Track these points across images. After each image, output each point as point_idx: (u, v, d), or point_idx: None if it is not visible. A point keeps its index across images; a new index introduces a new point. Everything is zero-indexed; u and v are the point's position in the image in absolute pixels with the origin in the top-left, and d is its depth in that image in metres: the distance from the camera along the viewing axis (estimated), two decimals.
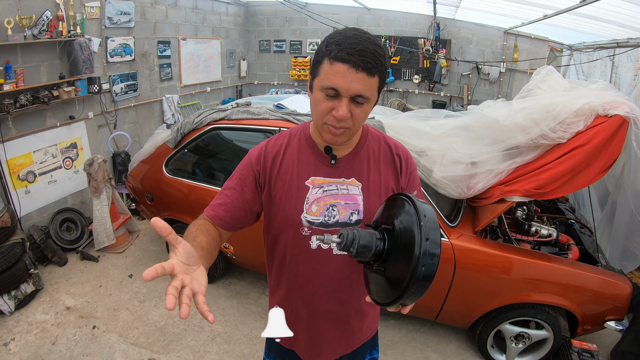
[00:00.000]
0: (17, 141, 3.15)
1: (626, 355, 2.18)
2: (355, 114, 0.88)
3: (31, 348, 2.39)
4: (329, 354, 1.19)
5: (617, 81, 3.51)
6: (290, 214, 1.01)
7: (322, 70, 0.87)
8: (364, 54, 0.82)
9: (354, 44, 0.82)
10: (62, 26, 3.30)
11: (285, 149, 1.05)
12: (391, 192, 1.05)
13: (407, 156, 1.09)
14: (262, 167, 1.04)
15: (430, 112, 2.57)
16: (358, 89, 0.84)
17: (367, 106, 0.89)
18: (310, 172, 1.02)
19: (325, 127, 0.91)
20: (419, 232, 0.74)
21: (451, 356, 2.47)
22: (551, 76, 2.45)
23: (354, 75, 0.83)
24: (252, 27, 7.13)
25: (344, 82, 0.83)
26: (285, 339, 1.21)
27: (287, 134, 1.09)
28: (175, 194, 2.85)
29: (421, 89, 6.41)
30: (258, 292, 3.02)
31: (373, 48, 0.84)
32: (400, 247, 0.78)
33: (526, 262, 2.09)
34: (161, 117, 5.11)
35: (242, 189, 1.04)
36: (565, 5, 3.29)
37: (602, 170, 2.00)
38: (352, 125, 0.90)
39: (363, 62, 0.82)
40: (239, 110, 2.65)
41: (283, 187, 1.02)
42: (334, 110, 0.87)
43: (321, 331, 1.14)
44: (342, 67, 0.83)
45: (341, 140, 0.94)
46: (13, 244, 2.72)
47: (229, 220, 1.04)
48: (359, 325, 1.18)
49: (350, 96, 0.85)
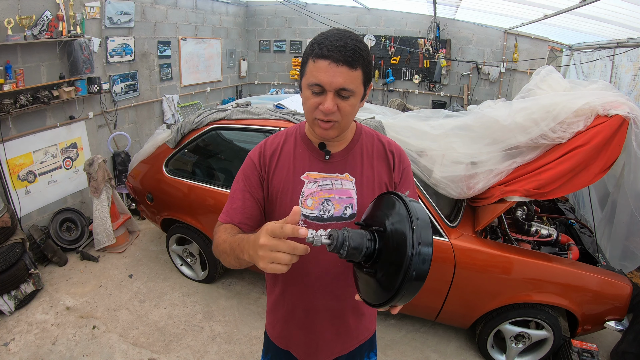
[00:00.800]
0: (17, 141, 3.15)
1: (626, 355, 2.18)
2: (342, 107, 0.92)
3: (31, 348, 2.39)
4: (324, 354, 1.18)
5: (617, 81, 3.51)
6: (286, 208, 1.04)
7: (307, 69, 0.93)
8: (344, 49, 0.87)
9: (334, 41, 0.88)
10: (62, 26, 3.30)
11: (282, 146, 1.09)
12: (384, 187, 1.08)
13: (400, 153, 1.12)
14: (262, 165, 1.08)
15: (430, 112, 2.57)
16: (340, 82, 0.88)
17: (353, 99, 0.93)
18: (305, 167, 1.06)
19: (316, 122, 0.96)
20: (411, 235, 0.73)
21: (451, 356, 2.47)
22: (551, 76, 2.45)
23: (335, 69, 0.87)
24: (252, 27, 7.13)
25: (327, 77, 0.88)
26: (282, 339, 1.22)
27: (284, 133, 1.13)
28: (175, 194, 2.85)
29: (421, 89, 6.41)
30: (258, 292, 3.02)
31: (353, 43, 0.89)
32: (392, 249, 0.77)
33: (526, 262, 2.09)
34: (161, 117, 5.11)
35: (250, 189, 1.07)
36: (565, 5, 3.29)
37: (602, 170, 2.00)
38: (341, 119, 0.94)
39: (343, 56, 0.87)
40: (239, 110, 2.65)
41: (279, 183, 1.06)
42: (320, 105, 0.92)
43: (317, 329, 1.14)
44: (323, 63, 0.88)
45: (332, 134, 0.97)
46: (13, 244, 2.72)
47: (251, 223, 1.06)
48: (355, 324, 1.18)
49: (334, 90, 0.89)
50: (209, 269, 3.00)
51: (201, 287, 3.06)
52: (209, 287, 3.06)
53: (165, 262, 3.34)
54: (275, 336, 1.23)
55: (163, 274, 3.20)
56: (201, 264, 3.06)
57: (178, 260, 3.19)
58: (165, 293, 2.97)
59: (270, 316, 1.24)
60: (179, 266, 3.18)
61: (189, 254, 3.11)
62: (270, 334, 1.26)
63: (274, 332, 1.23)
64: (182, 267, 3.18)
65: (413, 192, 1.13)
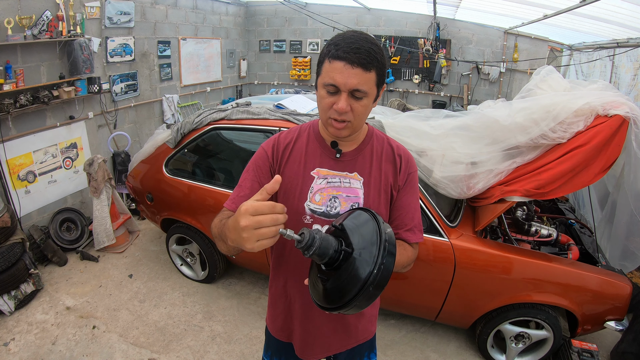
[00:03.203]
0: (17, 141, 3.15)
1: (626, 355, 2.18)
2: (355, 108, 0.95)
3: (31, 348, 2.39)
4: (320, 349, 1.19)
5: (617, 81, 3.51)
6: (294, 202, 1.06)
7: (323, 69, 0.95)
8: (359, 51, 0.90)
9: (350, 43, 0.90)
10: (62, 26, 3.30)
11: (295, 141, 1.12)
12: (389, 190, 1.10)
13: (409, 158, 1.15)
14: (274, 157, 1.11)
15: (430, 112, 2.56)
16: (355, 83, 0.91)
17: (366, 100, 0.95)
18: (316, 164, 1.09)
19: (329, 122, 0.98)
20: (373, 270, 0.77)
21: (451, 356, 2.47)
22: (551, 76, 2.45)
23: (350, 71, 0.90)
24: (252, 27, 7.13)
25: (342, 78, 0.91)
26: (282, 332, 1.23)
27: (297, 128, 1.16)
28: (175, 194, 2.85)
29: (421, 89, 6.41)
30: (258, 292, 3.02)
31: (368, 46, 0.91)
32: (352, 271, 0.80)
33: (526, 262, 2.09)
34: (161, 117, 5.11)
35: (260, 179, 1.09)
36: (565, 5, 3.29)
37: (602, 170, 2.00)
38: (354, 119, 0.97)
39: (358, 58, 0.89)
40: (239, 110, 2.64)
41: (290, 176, 1.08)
42: (335, 104, 0.94)
43: (315, 324, 1.15)
44: (339, 64, 0.90)
45: (344, 133, 1.00)
46: (13, 244, 2.72)
47: None
48: (354, 323, 1.19)
49: (348, 90, 0.92)
50: (209, 269, 3.00)
51: (201, 287, 3.06)
52: (209, 287, 3.06)
53: (165, 262, 3.34)
54: (277, 329, 1.24)
55: (163, 274, 3.20)
56: (201, 264, 3.06)
57: (178, 260, 3.19)
58: (165, 293, 2.97)
59: (271, 310, 1.25)
60: (179, 266, 3.18)
61: (189, 254, 3.11)
62: (271, 328, 1.27)
63: (275, 325, 1.24)
64: (182, 267, 3.18)
65: (416, 199, 1.14)
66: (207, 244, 2.87)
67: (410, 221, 1.11)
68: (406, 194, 1.12)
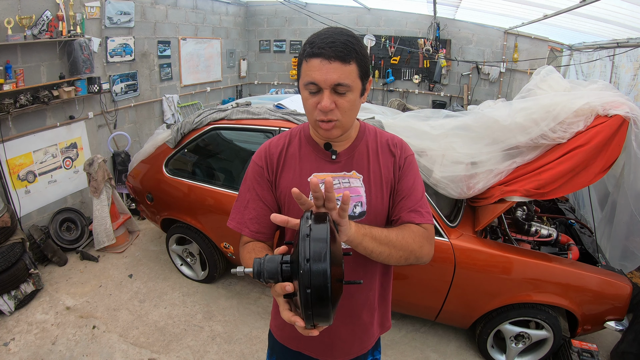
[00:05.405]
0: (17, 141, 3.15)
1: (626, 355, 2.18)
2: (340, 104, 0.91)
3: (31, 348, 2.39)
4: (340, 353, 1.15)
5: (617, 81, 3.51)
6: (295, 211, 1.03)
7: (302, 70, 0.92)
8: (334, 45, 0.87)
9: (325, 39, 0.88)
10: (62, 26, 3.30)
11: (287, 148, 1.09)
12: (391, 182, 1.06)
13: (402, 143, 1.12)
14: (268, 168, 1.08)
15: (430, 112, 2.56)
16: (335, 78, 0.87)
17: (350, 95, 0.91)
18: (313, 169, 1.05)
19: (317, 124, 0.95)
20: (303, 274, 0.70)
21: (451, 356, 2.47)
22: (551, 76, 2.45)
23: (328, 66, 0.87)
24: (252, 27, 7.13)
25: (320, 75, 0.87)
26: (293, 340, 1.18)
27: (287, 134, 1.12)
28: (175, 194, 2.85)
29: (421, 89, 6.41)
30: (258, 292, 3.02)
31: (344, 39, 0.88)
32: (303, 274, 0.74)
33: (526, 262, 2.09)
34: (161, 117, 5.11)
35: (263, 197, 1.07)
36: (565, 5, 3.29)
37: (602, 170, 2.00)
38: (341, 117, 0.93)
39: (334, 52, 0.86)
40: (239, 110, 2.64)
41: (287, 186, 1.05)
42: (318, 104, 0.90)
43: (331, 328, 1.10)
44: (316, 61, 0.87)
45: (335, 134, 0.97)
46: (13, 244, 2.72)
47: (266, 231, 1.08)
48: (369, 320, 1.16)
49: (330, 87, 0.89)
50: (208, 269, 3.00)
51: (201, 287, 3.06)
52: (208, 287, 3.06)
53: (165, 262, 3.34)
54: (285, 337, 1.20)
55: (163, 274, 3.20)
56: (201, 264, 3.06)
57: (178, 260, 3.19)
58: (165, 293, 2.97)
59: (278, 318, 1.19)
60: (179, 266, 3.18)
61: (189, 254, 3.11)
62: (278, 335, 1.22)
63: (283, 333, 1.20)
64: (182, 267, 3.18)
65: (419, 180, 1.09)
66: (207, 244, 2.87)
67: (413, 203, 1.04)
68: (405, 177, 1.07)
